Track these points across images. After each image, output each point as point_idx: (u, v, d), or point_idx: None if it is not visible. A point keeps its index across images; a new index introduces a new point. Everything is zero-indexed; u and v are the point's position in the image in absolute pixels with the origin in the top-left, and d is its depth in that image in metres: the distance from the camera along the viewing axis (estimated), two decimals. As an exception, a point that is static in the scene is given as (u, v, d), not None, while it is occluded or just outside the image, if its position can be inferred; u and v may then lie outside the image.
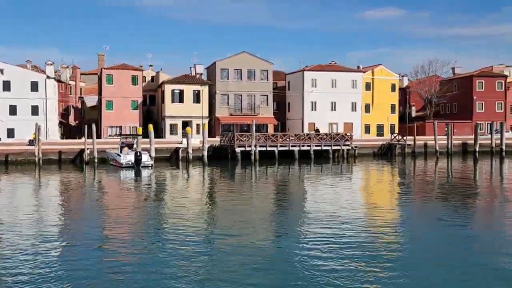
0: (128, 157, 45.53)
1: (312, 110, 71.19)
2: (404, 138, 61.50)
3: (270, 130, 68.48)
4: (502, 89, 78.38)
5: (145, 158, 45.88)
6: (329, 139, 57.10)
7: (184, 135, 64.59)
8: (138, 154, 45.35)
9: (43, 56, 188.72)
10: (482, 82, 77.92)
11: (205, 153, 49.48)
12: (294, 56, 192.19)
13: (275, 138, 55.46)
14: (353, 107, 72.77)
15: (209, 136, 64.58)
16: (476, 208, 25.22)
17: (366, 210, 24.67)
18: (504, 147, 57.35)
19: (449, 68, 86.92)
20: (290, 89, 74.50)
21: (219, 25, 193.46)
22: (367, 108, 73.74)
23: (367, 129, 73.64)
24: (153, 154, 47.10)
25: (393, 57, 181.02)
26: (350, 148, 57.58)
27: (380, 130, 73.88)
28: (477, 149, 56.22)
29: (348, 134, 59.52)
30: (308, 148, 55.78)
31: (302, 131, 67.75)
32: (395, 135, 63.72)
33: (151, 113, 71.99)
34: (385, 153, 62.47)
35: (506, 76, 79.10)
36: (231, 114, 68.20)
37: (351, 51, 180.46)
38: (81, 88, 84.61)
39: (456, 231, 19.51)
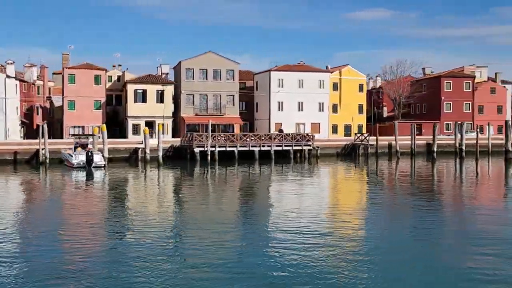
0: (80, 158, 44.96)
1: (279, 110, 70.95)
2: (367, 138, 61.50)
3: (236, 130, 68.10)
4: (470, 89, 78.69)
5: (97, 158, 45.31)
6: (291, 140, 56.90)
7: (151, 135, 64.24)
8: (90, 154, 44.77)
9: (32, 55, 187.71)
10: (450, 82, 78.18)
11: (160, 154, 48.99)
12: (281, 56, 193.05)
13: (235, 138, 55.12)
14: (321, 107, 72.63)
15: (174, 137, 64.45)
16: (431, 207, 25.12)
17: (323, 211, 24.26)
18: (464, 148, 57.43)
19: (419, 69, 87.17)
20: (258, 89, 74.19)
21: (208, 25, 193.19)
22: (334, 108, 73.63)
23: (335, 129, 73.54)
24: (106, 155, 46.51)
25: (381, 58, 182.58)
26: (311, 148, 57.42)
27: (347, 130, 73.82)
28: (435, 149, 56.11)
29: (309, 134, 59.36)
30: (269, 148, 55.52)
31: (269, 131, 67.56)
32: (358, 135, 63.70)
33: (117, 113, 71.31)
34: (348, 154, 62.46)
35: (474, 77, 79.42)
36: (196, 114, 67.75)
37: (340, 51, 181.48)
38: (49, 88, 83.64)
39: (410, 230, 19.60)
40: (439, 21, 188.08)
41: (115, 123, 68.62)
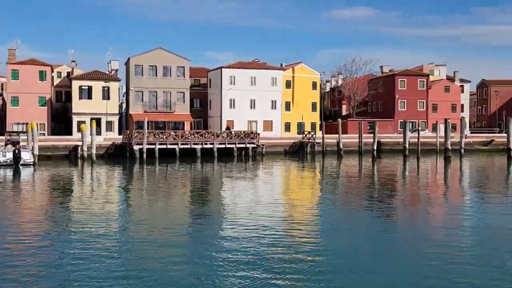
0: (7, 155, 43.87)
1: (231, 107, 70.36)
2: (313, 136, 61.24)
3: (187, 127, 67.42)
4: (424, 88, 78.89)
5: (26, 156, 44.26)
6: (235, 137, 56.40)
7: (95, 131, 63.20)
8: (17, 151, 43.73)
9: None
10: (404, 80, 78.32)
11: (94, 151, 48.23)
12: (264, 55, 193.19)
13: (176, 136, 54.45)
14: (273, 105, 72.24)
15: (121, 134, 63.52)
16: (366, 205, 25.10)
17: (260, 208, 23.69)
18: (407, 146, 57.39)
19: (374, 67, 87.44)
20: (211, 86, 73.56)
21: (181, 22, 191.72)
22: (287, 106, 73.26)
23: (288, 127, 73.19)
24: (36, 152, 45.47)
25: (362, 56, 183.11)
26: (256, 146, 56.96)
27: (300, 128, 73.44)
28: (375, 148, 55.91)
29: (254, 132, 58.92)
30: (212, 146, 54.93)
31: (220, 129, 66.96)
32: (306, 133, 63.42)
33: (66, 110, 70.10)
34: (296, 152, 62.15)
35: (428, 75, 79.66)
36: (145, 111, 66.89)
37: (322, 49, 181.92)
38: (2, 84, 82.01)
39: (358, 225, 19.86)
40: (419, 20, 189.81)
41: (64, 120, 67.47)
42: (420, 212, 23.14)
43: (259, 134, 58.88)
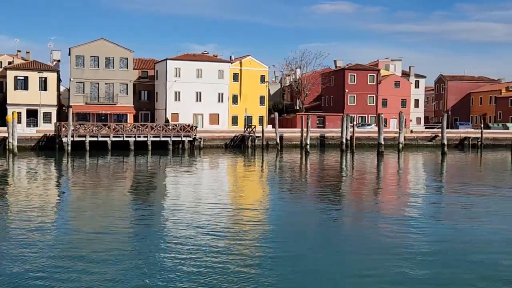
0: None
1: (176, 100, 69.37)
2: (254, 130, 60.67)
3: (130, 120, 66.31)
4: (374, 82, 78.75)
5: None
6: (170, 130, 55.54)
7: (31, 124, 61.88)
8: None
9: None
10: (354, 75, 78.07)
11: (15, 143, 47.01)
12: (246, 49, 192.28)
13: (108, 128, 53.40)
14: (220, 98, 71.44)
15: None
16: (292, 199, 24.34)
17: (186, 202, 23.00)
18: (344, 141, 57.11)
19: (325, 60, 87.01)
20: (158, 78, 72.48)
21: (163, 15, 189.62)
22: (234, 99, 72.51)
23: (235, 120, 72.47)
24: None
25: (343, 50, 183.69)
26: (192, 139, 56.19)
27: (248, 121, 72.76)
28: (308, 142, 55.31)
29: (190, 125, 58.10)
30: (146, 139, 53.99)
31: (165, 122, 66.00)
32: (247, 126, 62.83)
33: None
34: (237, 145, 61.51)
35: (378, 70, 79.53)
36: (86, 103, 65.61)
37: (303, 44, 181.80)
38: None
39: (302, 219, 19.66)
40: (400, 16, 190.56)
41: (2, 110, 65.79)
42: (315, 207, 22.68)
43: (196, 127, 58.11)
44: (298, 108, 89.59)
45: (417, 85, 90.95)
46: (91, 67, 65.91)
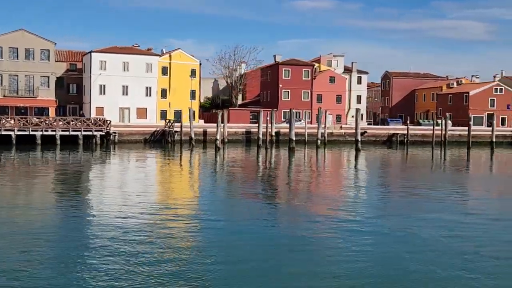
0: None
1: (101, 94, 67.68)
2: (173, 125, 59.46)
3: (52, 113, 64.45)
4: (309, 78, 78.01)
5: None
6: (81, 124, 53.99)
7: None
8: None
9: None
10: (289, 70, 77.21)
11: None
12: (224, 44, 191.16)
13: (12, 121, 51.63)
14: (148, 91, 69.93)
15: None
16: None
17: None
18: (261, 136, 56.25)
19: (258, 55, 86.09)
20: (85, 71, 70.69)
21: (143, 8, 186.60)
22: (163, 93, 71.09)
23: (164, 114, 71.01)
24: None
25: (323, 46, 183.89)
26: (104, 134, 54.72)
27: (178, 116, 71.41)
28: (218, 138, 54.08)
29: (103, 119, 56.61)
30: (54, 133, 52.35)
31: (90, 116, 64.36)
32: (167, 121, 61.58)
33: None
34: (158, 140, 60.22)
35: (313, 65, 78.82)
36: (4, 96, 63.57)
37: (282, 40, 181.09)
38: None
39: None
40: (379, 13, 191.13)
41: None
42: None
43: (110, 121, 56.57)
44: (239, 103, 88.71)
45: (359, 81, 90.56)
46: (9, 58, 63.83)
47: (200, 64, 77.92)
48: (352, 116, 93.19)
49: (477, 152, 57.31)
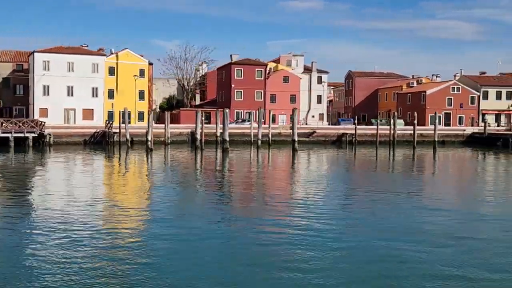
0: None
1: (45, 94, 66.30)
2: (111, 126, 58.23)
3: (-10, 115, 63.05)
4: (262, 78, 77.07)
5: None
6: (12, 126, 52.61)
7: None
8: None
9: None
10: (241, 70, 76.23)
11: None
12: (212, 43, 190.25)
13: None
14: (94, 92, 68.62)
15: None
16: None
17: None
18: (199, 137, 55.13)
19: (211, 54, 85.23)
20: (30, 71, 69.26)
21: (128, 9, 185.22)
22: (110, 94, 69.80)
23: (111, 116, 69.58)
24: None
25: (311, 47, 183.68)
26: (36, 135, 53.34)
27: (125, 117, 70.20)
28: (149, 139, 52.75)
29: (36, 120, 55.28)
30: (-21, 135, 50.92)
31: (33, 117, 63.00)
32: (107, 121, 60.35)
33: None
34: (99, 142, 58.93)
35: (266, 65, 77.90)
36: None
37: (272, 40, 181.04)
38: None
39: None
40: (367, 13, 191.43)
41: None
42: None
43: (44, 122, 55.21)
44: (197, 103, 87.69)
45: (319, 80, 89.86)
46: None
47: (152, 64, 76.89)
48: (313, 116, 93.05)
49: (421, 151, 56.57)
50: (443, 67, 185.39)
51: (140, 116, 70.17)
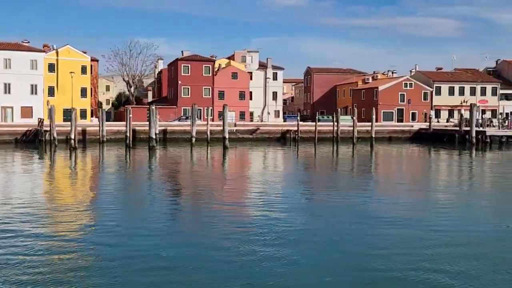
0: None
1: (-20, 92, 64.58)
2: (42, 124, 56.67)
3: None
4: (210, 74, 75.85)
5: None
6: None
7: None
8: None
9: None
10: (188, 66, 74.95)
11: None
12: (199, 42, 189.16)
13: None
14: (33, 89, 66.94)
15: None
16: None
17: None
18: (129, 135, 53.77)
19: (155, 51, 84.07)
20: (-32, 68, 67.35)
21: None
22: (51, 91, 68.12)
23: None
24: None
25: (296, 44, 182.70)
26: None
27: (67, 115, 68.45)
28: (73, 137, 51.32)
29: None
30: None
31: (-33, 115, 61.24)
32: (39, 119, 58.76)
33: None
34: (31, 140, 57.34)
35: (213, 61, 76.70)
36: None
37: (256, 37, 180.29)
38: None
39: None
40: (351, 11, 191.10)
41: None
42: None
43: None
44: (149, 101, 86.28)
45: (275, 77, 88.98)
46: None
47: (98, 61, 75.34)
48: (269, 113, 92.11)
49: (361, 148, 55.82)
50: (422, 63, 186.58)
51: (82, 114, 68.56)
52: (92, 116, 72.66)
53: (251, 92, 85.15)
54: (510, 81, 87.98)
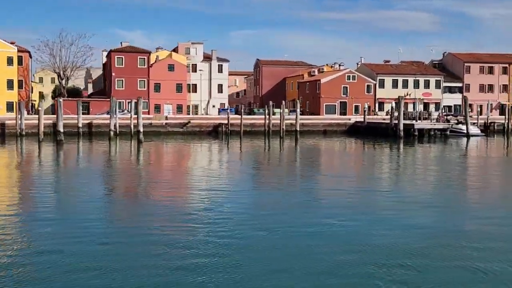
0: None
1: None
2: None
3: None
4: (145, 66, 73.94)
5: None
6: None
7: None
8: None
9: None
10: (122, 58, 72.93)
11: None
12: (174, 35, 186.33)
13: None
14: (-46, 81, 64.37)
15: None
16: None
17: None
18: (42, 130, 51.77)
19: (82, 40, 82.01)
20: None
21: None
22: (-27, 83, 65.65)
23: (-22, 106, 65.78)
24: None
25: (274, 37, 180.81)
26: None
27: (-9, 108, 66.39)
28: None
29: None
30: None
31: None
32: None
33: None
34: None
35: (149, 53, 74.81)
36: None
37: (235, 30, 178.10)
38: None
39: None
40: (327, 4, 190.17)
41: None
42: None
43: None
44: (89, 93, 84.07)
45: (220, 69, 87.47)
46: None
47: (29, 52, 72.87)
48: (214, 106, 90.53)
49: (288, 141, 54.70)
50: (391, 56, 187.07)
51: (9, 107, 66.15)
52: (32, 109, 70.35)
53: (195, 85, 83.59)
54: (455, 74, 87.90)
